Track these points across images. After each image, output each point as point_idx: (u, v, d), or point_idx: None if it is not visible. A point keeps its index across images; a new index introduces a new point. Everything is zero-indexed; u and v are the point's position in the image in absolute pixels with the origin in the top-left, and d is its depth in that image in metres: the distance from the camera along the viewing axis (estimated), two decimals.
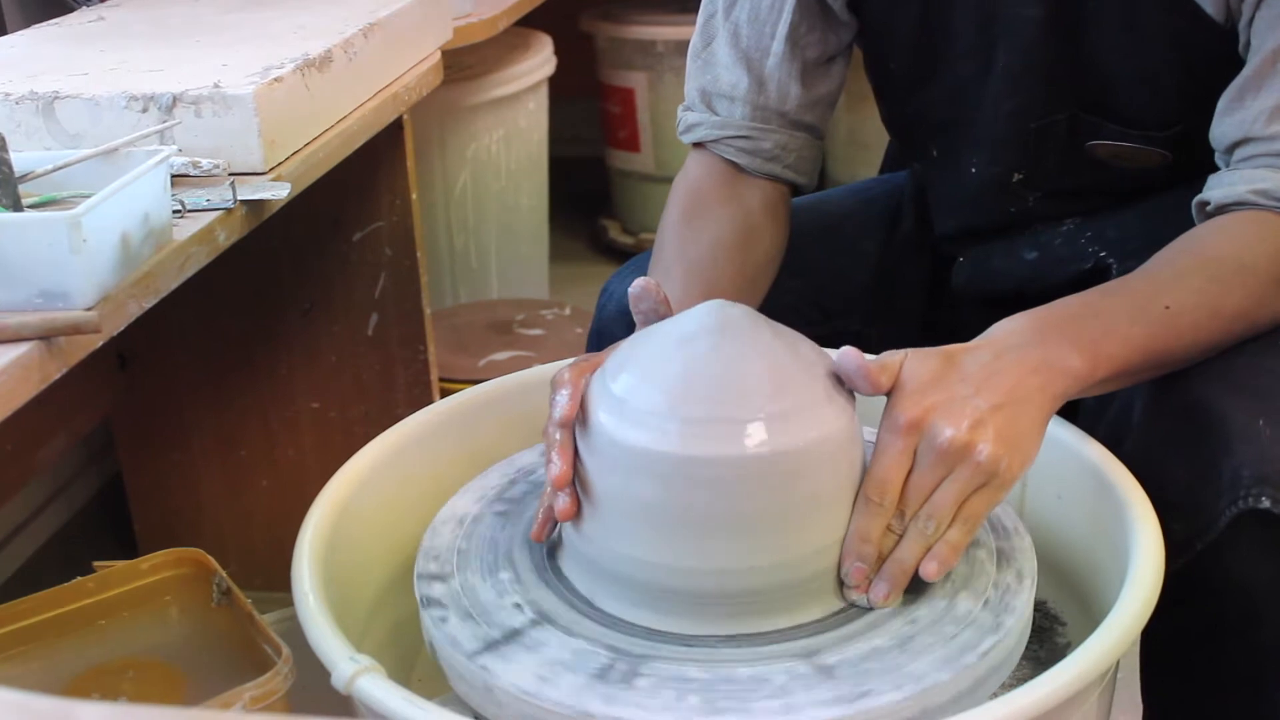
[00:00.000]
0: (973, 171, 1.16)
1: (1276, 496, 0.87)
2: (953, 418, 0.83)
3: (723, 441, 0.81)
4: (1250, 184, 0.97)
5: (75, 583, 1.22)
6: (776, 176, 1.18)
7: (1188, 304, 0.92)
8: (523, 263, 2.51)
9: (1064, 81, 1.08)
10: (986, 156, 1.14)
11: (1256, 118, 0.97)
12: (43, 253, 0.82)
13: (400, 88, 1.38)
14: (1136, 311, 0.92)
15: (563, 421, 0.86)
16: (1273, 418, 0.90)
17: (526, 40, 2.48)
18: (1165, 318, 0.92)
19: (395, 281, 1.54)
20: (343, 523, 0.97)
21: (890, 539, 0.84)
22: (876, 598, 0.84)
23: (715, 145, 1.17)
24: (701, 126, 1.17)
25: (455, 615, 0.87)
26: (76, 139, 1.08)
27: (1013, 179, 1.14)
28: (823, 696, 0.78)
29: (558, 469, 0.86)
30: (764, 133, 1.16)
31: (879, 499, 0.83)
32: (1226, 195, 0.98)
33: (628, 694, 0.79)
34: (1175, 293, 0.93)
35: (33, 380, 0.79)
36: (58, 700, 0.42)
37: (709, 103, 1.18)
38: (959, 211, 1.20)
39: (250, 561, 1.59)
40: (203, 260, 0.98)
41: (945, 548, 0.84)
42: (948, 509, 0.83)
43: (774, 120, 1.16)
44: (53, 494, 1.76)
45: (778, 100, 1.16)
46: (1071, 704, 0.78)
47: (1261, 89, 0.97)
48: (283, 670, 1.06)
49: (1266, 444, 0.88)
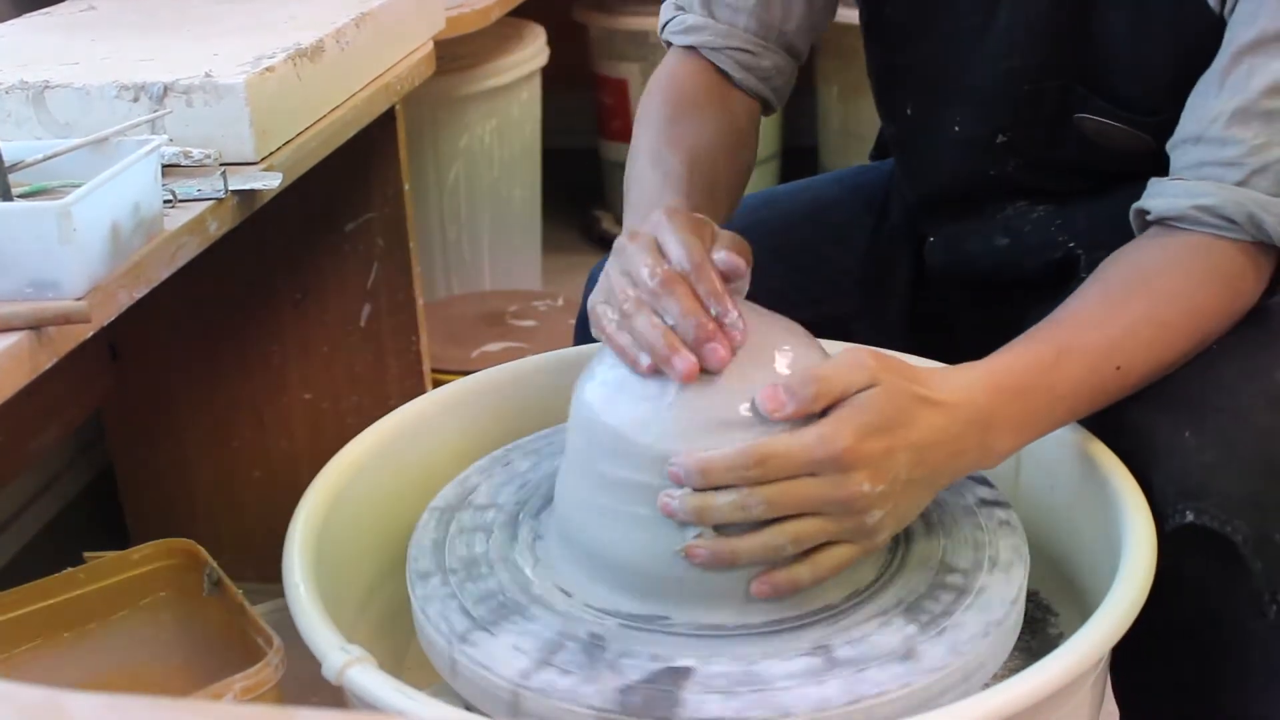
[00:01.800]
0: (955, 129, 1.13)
1: (1199, 508, 0.87)
2: (873, 476, 0.80)
3: None
4: (1194, 198, 0.94)
5: (66, 574, 1.22)
6: (760, 95, 1.16)
7: (1137, 360, 0.91)
8: (515, 254, 2.51)
9: (1064, 50, 1.06)
10: (972, 115, 1.12)
11: (1215, 117, 0.94)
12: (32, 242, 0.81)
13: (392, 78, 1.38)
14: (1089, 376, 0.90)
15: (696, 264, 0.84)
16: (1198, 426, 0.90)
17: (519, 31, 2.47)
18: (1114, 379, 0.91)
19: (388, 272, 1.53)
20: (334, 513, 0.97)
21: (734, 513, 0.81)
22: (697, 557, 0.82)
23: (714, 53, 1.14)
24: (705, 31, 1.14)
25: (446, 605, 0.87)
26: (67, 128, 1.08)
27: (997, 139, 1.11)
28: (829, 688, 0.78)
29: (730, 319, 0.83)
30: (764, 50, 1.14)
31: (750, 464, 0.80)
32: (1169, 207, 0.95)
33: (610, 676, 0.79)
34: (1126, 350, 0.91)
35: (23, 371, 0.79)
36: (47, 690, 0.42)
37: (710, 7, 1.15)
38: (934, 175, 1.18)
39: (242, 552, 1.58)
40: (194, 250, 0.98)
41: (786, 576, 0.82)
42: (805, 532, 0.81)
43: (773, 37, 1.15)
44: (44, 485, 1.75)
45: (781, 17, 1.14)
46: (1065, 693, 0.78)
47: (1224, 86, 0.94)
48: (273, 661, 1.06)
49: (1190, 455, 0.89)
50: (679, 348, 0.82)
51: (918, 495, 0.84)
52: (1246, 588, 0.89)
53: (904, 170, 1.23)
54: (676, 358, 0.82)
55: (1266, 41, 0.92)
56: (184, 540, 1.25)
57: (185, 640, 1.21)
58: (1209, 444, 0.89)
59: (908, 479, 0.82)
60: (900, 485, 0.81)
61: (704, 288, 0.84)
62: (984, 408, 0.85)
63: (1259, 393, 0.91)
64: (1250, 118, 0.92)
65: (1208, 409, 0.91)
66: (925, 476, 0.83)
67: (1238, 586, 0.89)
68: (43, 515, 1.75)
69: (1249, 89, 0.92)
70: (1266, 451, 0.89)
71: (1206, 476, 0.88)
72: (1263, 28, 0.92)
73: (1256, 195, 0.92)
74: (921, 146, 1.18)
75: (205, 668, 1.16)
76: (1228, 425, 0.89)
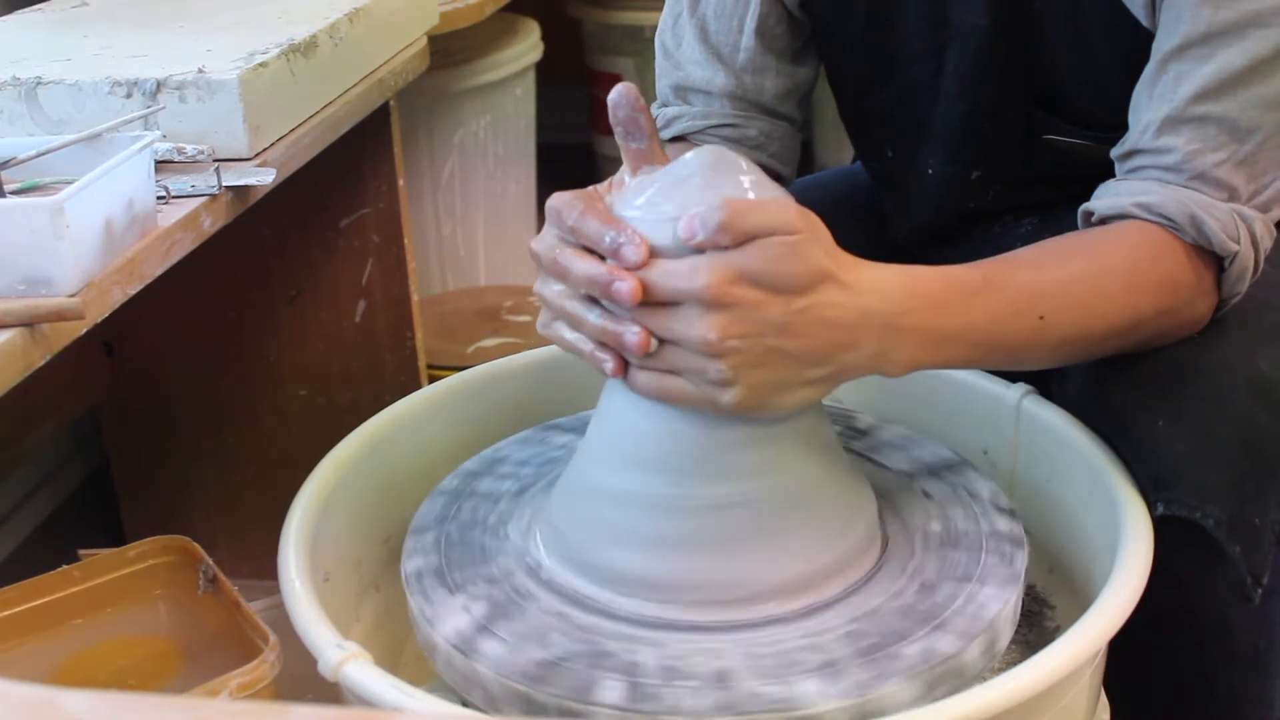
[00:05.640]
0: (929, 172, 1.14)
1: (1169, 499, 0.87)
2: (729, 325, 0.77)
3: None
4: (1134, 196, 0.93)
5: (60, 571, 1.22)
6: (763, 165, 1.16)
7: (1063, 318, 0.89)
8: (511, 249, 2.50)
9: (1016, 82, 1.06)
10: (943, 156, 1.12)
11: (1145, 129, 0.93)
12: (25, 239, 0.81)
13: (386, 73, 1.37)
14: (1010, 317, 0.87)
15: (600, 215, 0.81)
16: (1173, 415, 0.89)
17: (514, 26, 2.47)
18: (1034, 328, 0.88)
19: (383, 268, 1.53)
20: (330, 509, 0.97)
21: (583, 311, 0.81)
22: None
23: (698, 136, 1.14)
24: (683, 119, 1.15)
25: (440, 600, 0.87)
26: (60, 125, 1.08)
27: (971, 176, 1.12)
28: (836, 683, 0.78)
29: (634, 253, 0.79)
30: (747, 120, 1.14)
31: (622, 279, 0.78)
32: (1111, 206, 0.94)
33: (602, 674, 0.79)
34: (1055, 303, 0.88)
35: (16, 367, 0.79)
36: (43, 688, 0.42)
37: (684, 99, 1.15)
38: (917, 212, 1.18)
39: (238, 549, 1.58)
40: (188, 246, 0.98)
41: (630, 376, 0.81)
42: (656, 364, 0.80)
43: (753, 110, 1.15)
44: (39, 483, 1.75)
45: (754, 92, 1.14)
46: (1063, 686, 0.78)
47: (1153, 96, 0.93)
48: (269, 657, 1.06)
49: (1161, 445, 0.89)
50: (596, 353, 0.82)
51: (783, 370, 0.79)
52: (1227, 575, 0.89)
53: (890, 207, 1.23)
54: (604, 362, 0.82)
55: (1190, 46, 0.91)
56: (179, 537, 1.25)
57: (180, 637, 1.20)
58: (1181, 434, 0.89)
59: (774, 346, 0.78)
60: (762, 350, 0.77)
61: (591, 233, 0.81)
62: (892, 306, 0.81)
63: (1240, 381, 0.91)
64: (1180, 125, 0.92)
65: (1186, 397, 0.90)
66: (799, 351, 0.79)
67: (1217, 574, 0.89)
68: (38, 512, 1.75)
69: (1177, 96, 0.92)
70: (1245, 436, 0.88)
71: (1179, 466, 0.88)
72: (1185, 33, 0.91)
73: (1199, 197, 0.92)
74: (903, 185, 1.18)
75: (201, 665, 1.16)
76: (1206, 413, 0.89)
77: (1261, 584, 0.89)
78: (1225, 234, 0.91)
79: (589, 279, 0.80)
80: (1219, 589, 0.90)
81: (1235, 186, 0.92)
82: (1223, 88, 0.90)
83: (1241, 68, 0.90)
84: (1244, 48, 0.90)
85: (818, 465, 0.86)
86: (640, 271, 0.78)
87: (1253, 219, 0.93)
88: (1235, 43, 0.90)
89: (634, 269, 0.79)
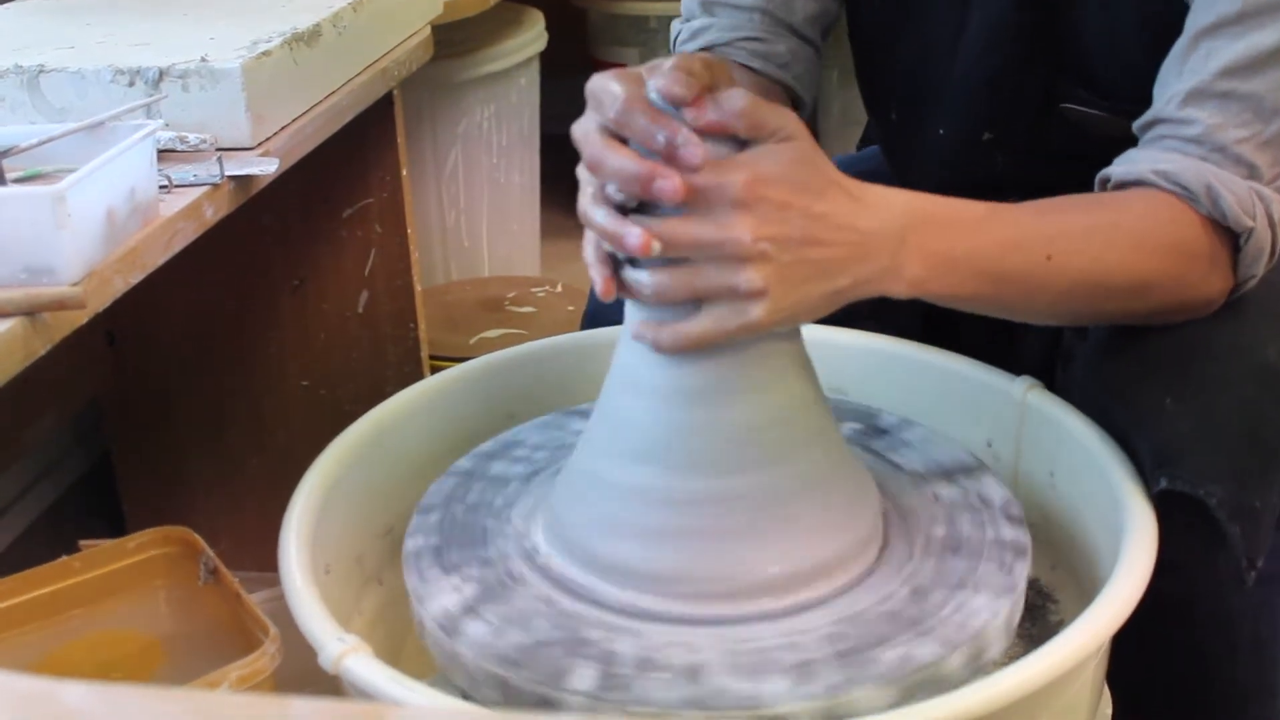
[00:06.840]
0: (940, 133, 1.13)
1: (1173, 474, 0.86)
2: (759, 224, 0.75)
3: None
4: (1153, 164, 0.92)
5: (61, 562, 1.22)
6: (786, 85, 1.15)
7: (1071, 262, 0.88)
8: (514, 239, 2.50)
9: (1039, 46, 1.06)
10: (955, 116, 1.12)
11: (1171, 99, 0.93)
12: (27, 228, 0.81)
13: (390, 62, 1.37)
14: (1016, 250, 0.87)
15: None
16: (1180, 393, 0.89)
17: (518, 15, 2.46)
18: (1041, 266, 0.87)
19: (385, 259, 1.53)
20: (331, 501, 0.96)
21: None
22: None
23: (726, 49, 1.12)
24: (711, 30, 1.13)
25: (434, 579, 0.87)
26: (62, 113, 1.07)
27: (982, 137, 1.11)
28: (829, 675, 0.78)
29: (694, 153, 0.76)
30: (776, 37, 1.13)
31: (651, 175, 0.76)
32: (1128, 172, 0.94)
33: (577, 661, 0.79)
34: (1063, 245, 0.88)
35: (17, 357, 0.79)
36: (43, 679, 0.42)
37: (711, 12, 1.14)
38: (924, 178, 1.17)
39: (240, 541, 1.58)
40: (190, 236, 0.98)
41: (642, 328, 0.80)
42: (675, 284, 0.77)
43: (782, 29, 1.13)
44: (40, 473, 1.74)
45: (784, 10, 1.13)
46: (1067, 679, 0.78)
47: (1183, 72, 0.93)
48: (270, 650, 1.06)
49: (1168, 421, 0.88)
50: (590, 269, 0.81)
51: (807, 285, 0.78)
52: (1225, 558, 0.88)
53: (895, 172, 1.22)
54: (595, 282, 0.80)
55: (1224, 24, 0.91)
56: (180, 528, 1.25)
57: (181, 629, 1.20)
58: (1187, 412, 0.88)
59: (798, 258, 0.77)
60: (789, 258, 0.77)
61: (639, 129, 0.78)
62: (901, 221, 0.82)
63: (1247, 366, 0.90)
64: (1206, 98, 0.92)
65: (1192, 377, 0.90)
66: (821, 262, 0.78)
67: (1217, 558, 0.89)
68: (39, 503, 1.74)
69: (1206, 70, 0.92)
70: (1248, 422, 0.88)
71: (1184, 444, 0.87)
72: (1221, 11, 0.91)
73: (1217, 170, 0.91)
74: (909, 150, 1.18)
75: (201, 657, 1.16)
76: (1211, 394, 0.89)
77: (1256, 567, 0.88)
78: (1241, 209, 0.90)
79: (628, 175, 0.77)
80: (1219, 576, 0.90)
81: (1257, 165, 0.92)
82: (1252, 66, 0.90)
83: (1272, 47, 0.90)
84: (1277, 28, 0.90)
85: (818, 463, 0.86)
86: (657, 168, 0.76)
87: (1271, 200, 0.92)
88: (1270, 23, 0.90)
89: (693, 171, 0.76)
